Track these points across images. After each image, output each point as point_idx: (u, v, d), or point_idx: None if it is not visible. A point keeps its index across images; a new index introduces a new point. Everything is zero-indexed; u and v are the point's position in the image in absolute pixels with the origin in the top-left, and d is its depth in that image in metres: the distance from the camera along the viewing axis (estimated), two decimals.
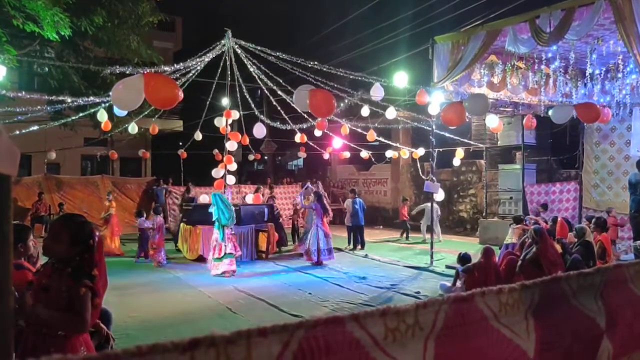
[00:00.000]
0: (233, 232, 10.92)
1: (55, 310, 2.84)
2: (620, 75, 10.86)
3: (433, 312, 1.08)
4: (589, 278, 1.42)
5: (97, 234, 3.16)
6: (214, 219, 10.64)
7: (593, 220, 9.58)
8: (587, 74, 10.90)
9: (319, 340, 0.90)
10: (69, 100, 11.48)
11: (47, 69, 15.83)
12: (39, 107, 12.42)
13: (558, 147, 15.73)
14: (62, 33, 12.33)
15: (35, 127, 13.21)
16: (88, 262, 2.99)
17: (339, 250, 13.35)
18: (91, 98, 11.17)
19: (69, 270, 2.92)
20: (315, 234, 11.68)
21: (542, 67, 10.98)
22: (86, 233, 3.02)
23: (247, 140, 14.32)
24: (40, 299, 2.87)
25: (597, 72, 11.14)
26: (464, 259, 8.19)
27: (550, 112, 10.19)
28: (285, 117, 13.99)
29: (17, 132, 12.75)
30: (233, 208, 10.96)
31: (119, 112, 10.30)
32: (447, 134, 13.34)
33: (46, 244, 3.00)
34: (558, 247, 8.04)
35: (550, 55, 10.48)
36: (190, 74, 12.17)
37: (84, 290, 2.91)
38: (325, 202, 12.65)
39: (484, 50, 9.87)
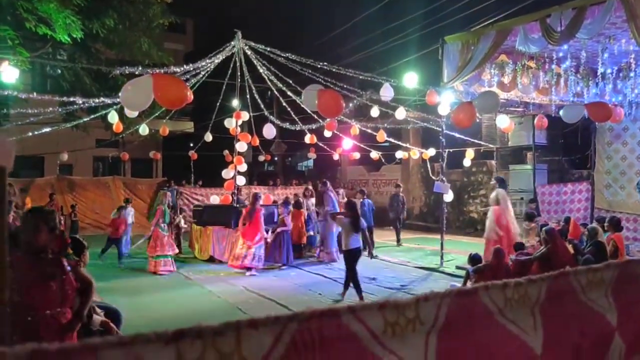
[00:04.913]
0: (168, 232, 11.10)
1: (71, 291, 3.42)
2: (632, 74, 10.72)
3: (435, 306, 1.04)
4: (599, 273, 1.38)
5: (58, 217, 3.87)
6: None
7: (607, 219, 9.45)
8: (598, 73, 10.77)
9: (313, 333, 0.87)
10: (81, 101, 11.55)
11: (59, 70, 15.94)
12: (51, 108, 12.49)
13: (569, 147, 15.56)
14: (74, 35, 12.43)
15: (48, 129, 13.29)
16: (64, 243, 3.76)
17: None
18: (102, 100, 11.22)
19: (53, 255, 3.38)
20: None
21: (553, 66, 10.85)
22: (54, 220, 3.48)
23: (257, 141, 14.34)
24: (50, 287, 3.28)
25: (608, 71, 10.98)
26: (474, 259, 8.09)
27: (561, 112, 10.07)
28: (295, 117, 13.97)
29: (30, 134, 12.86)
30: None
31: (130, 113, 10.38)
32: (457, 135, 13.23)
33: (27, 239, 3.36)
34: (570, 248, 7.95)
35: (561, 54, 10.36)
36: (201, 75, 12.21)
37: (74, 263, 3.72)
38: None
39: (494, 50, 9.77)
